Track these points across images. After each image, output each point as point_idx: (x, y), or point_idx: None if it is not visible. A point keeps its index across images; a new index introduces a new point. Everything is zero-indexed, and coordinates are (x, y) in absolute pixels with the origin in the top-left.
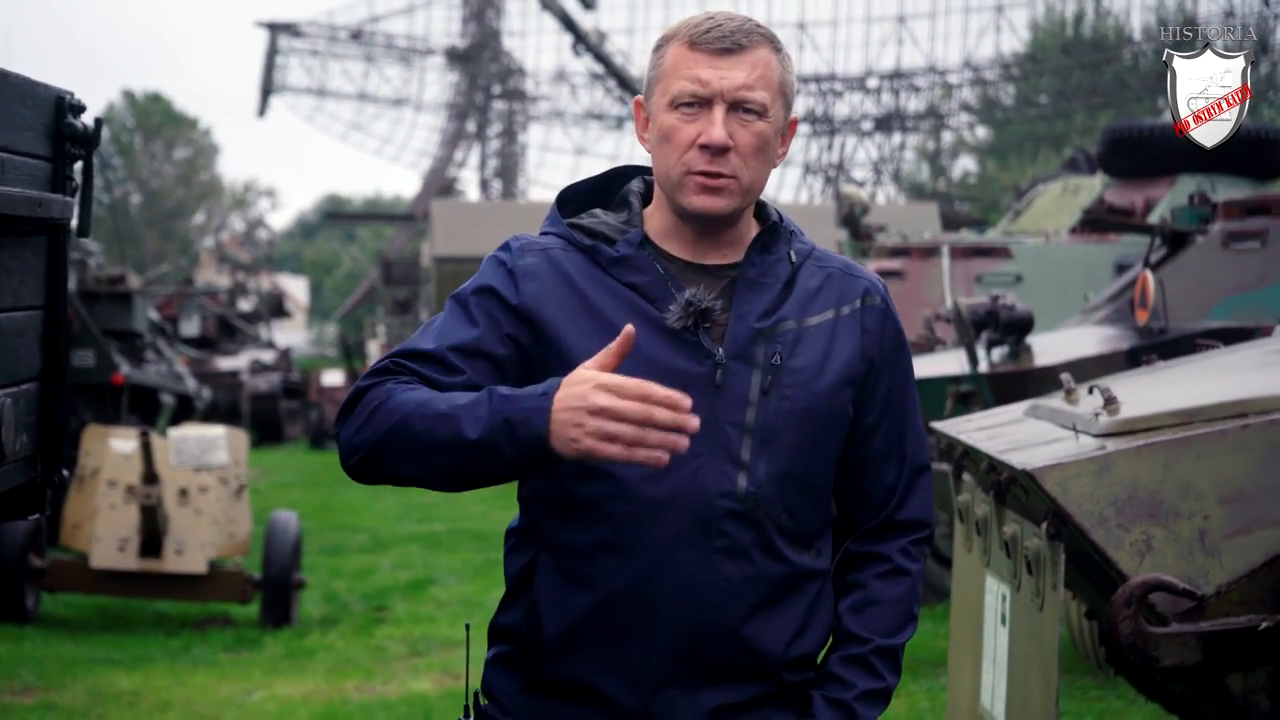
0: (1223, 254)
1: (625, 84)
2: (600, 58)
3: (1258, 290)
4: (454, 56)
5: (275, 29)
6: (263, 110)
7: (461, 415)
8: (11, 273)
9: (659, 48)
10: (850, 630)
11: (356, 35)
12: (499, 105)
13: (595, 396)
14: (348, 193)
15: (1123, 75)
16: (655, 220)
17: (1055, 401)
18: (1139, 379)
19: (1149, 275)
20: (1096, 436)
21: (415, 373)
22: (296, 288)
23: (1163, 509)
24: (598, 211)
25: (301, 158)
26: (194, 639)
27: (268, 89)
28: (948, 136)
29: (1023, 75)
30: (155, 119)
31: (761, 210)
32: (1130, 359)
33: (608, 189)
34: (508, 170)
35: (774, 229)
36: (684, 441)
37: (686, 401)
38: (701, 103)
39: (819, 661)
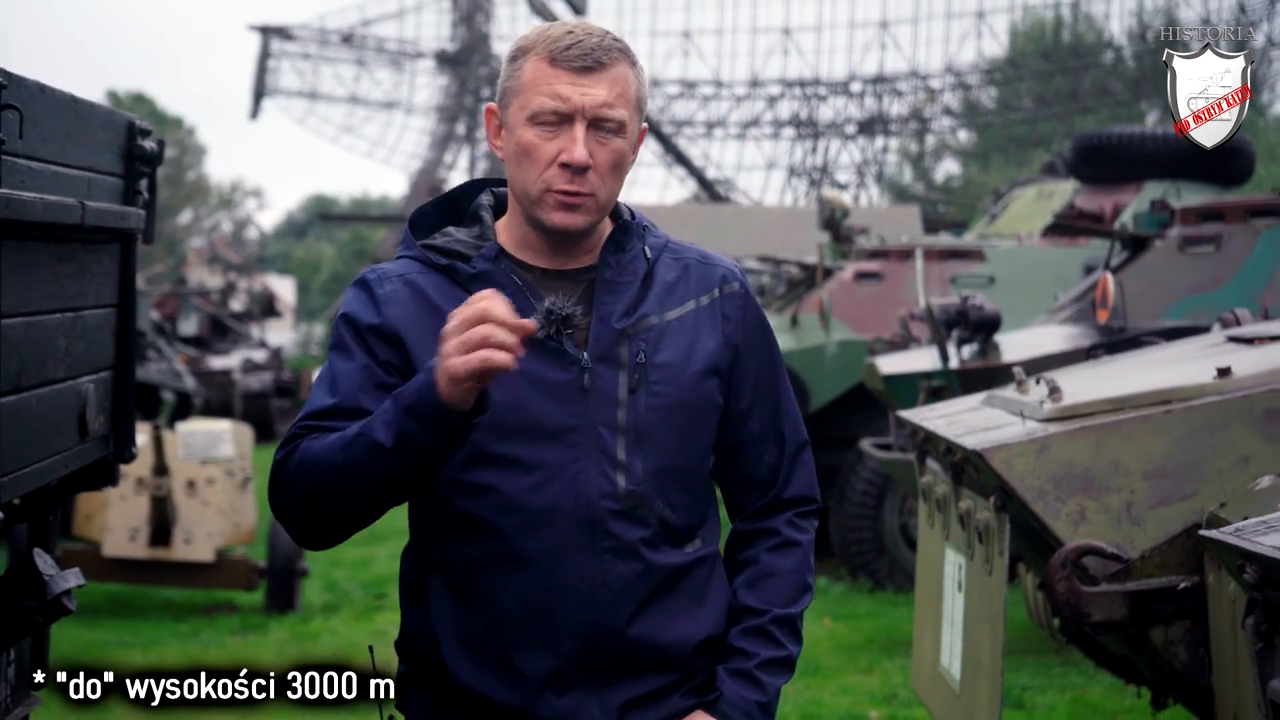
0: (1179, 257)
1: None
2: None
3: (1212, 292)
4: (444, 60)
5: (267, 32)
6: (255, 113)
7: (370, 428)
8: (94, 276)
9: (515, 58)
10: (747, 604)
11: (348, 39)
12: None
13: (448, 342)
14: (334, 192)
15: (1103, 80)
16: (509, 231)
17: (1008, 392)
18: (1084, 371)
19: (1109, 277)
20: (1040, 421)
21: (323, 429)
22: (284, 288)
23: (1095, 484)
24: (450, 230)
25: (289, 158)
26: (202, 624)
27: (260, 92)
28: (931, 140)
29: (1004, 80)
30: (141, 119)
31: (614, 210)
32: (1090, 355)
33: (458, 205)
34: (496, 172)
35: (625, 227)
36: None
37: (526, 324)
38: (562, 119)
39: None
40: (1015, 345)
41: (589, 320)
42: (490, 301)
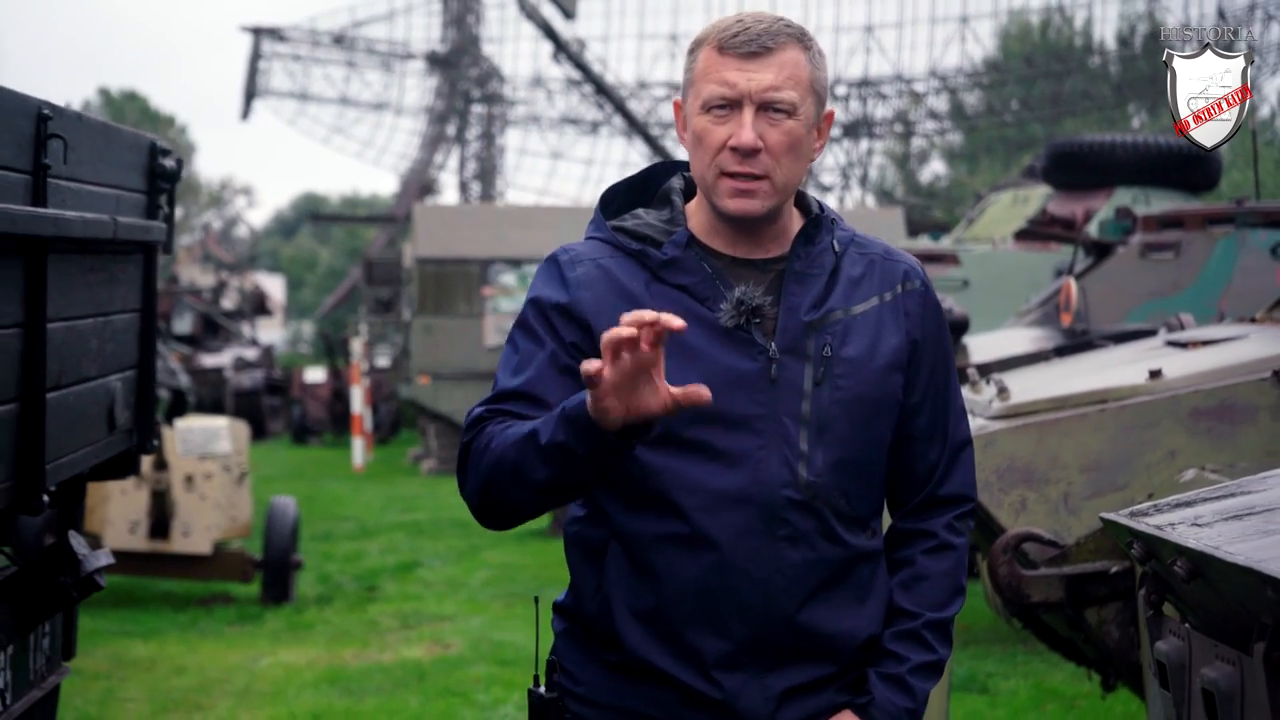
0: (1141, 263)
1: (603, 90)
2: (580, 66)
3: (1171, 296)
4: (434, 61)
5: (259, 33)
6: (246, 113)
7: (539, 427)
8: (121, 283)
9: (692, 51)
10: (901, 606)
11: (338, 40)
12: (478, 109)
13: (591, 365)
14: (324, 190)
15: (1085, 85)
16: (698, 217)
17: (964, 391)
18: (1034, 372)
19: (1072, 282)
20: (988, 419)
21: (507, 413)
22: (273, 286)
23: (1035, 476)
24: (640, 212)
25: (279, 156)
26: (200, 614)
27: (251, 93)
28: (917, 142)
29: (988, 84)
30: (132, 117)
31: (802, 200)
32: (1060, 355)
33: (649, 185)
34: (486, 173)
35: (817, 221)
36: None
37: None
38: (731, 105)
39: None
40: (983, 347)
41: (776, 311)
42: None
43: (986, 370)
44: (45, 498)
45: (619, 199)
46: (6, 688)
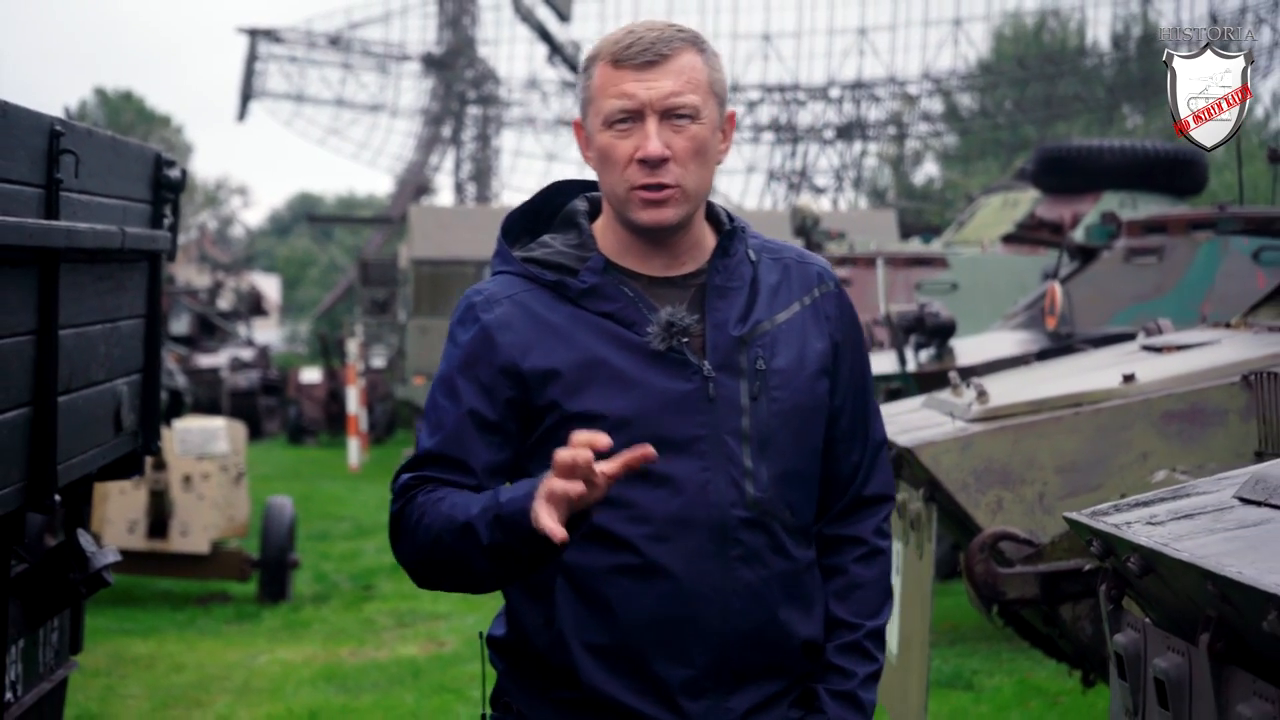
0: (1124, 268)
1: None
2: (575, 68)
3: (1154, 300)
4: (429, 63)
5: (255, 35)
6: (242, 115)
7: (476, 524)
8: (128, 290)
9: (586, 69)
10: (840, 617)
11: (334, 41)
12: (473, 111)
13: (551, 482)
14: (320, 190)
15: (1077, 88)
16: (608, 238)
17: (945, 394)
18: (1014, 375)
19: (1057, 286)
20: (967, 421)
21: (435, 480)
22: (269, 286)
23: (1011, 477)
24: (548, 239)
25: (274, 156)
26: (198, 612)
27: (247, 94)
28: (911, 144)
29: (981, 87)
30: (128, 117)
31: (712, 212)
32: (1041, 359)
33: (546, 207)
34: (481, 174)
35: (730, 234)
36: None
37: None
38: (633, 116)
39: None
40: (969, 350)
41: (703, 328)
42: (585, 449)
43: (969, 373)
44: (56, 497)
45: (520, 225)
46: (18, 680)
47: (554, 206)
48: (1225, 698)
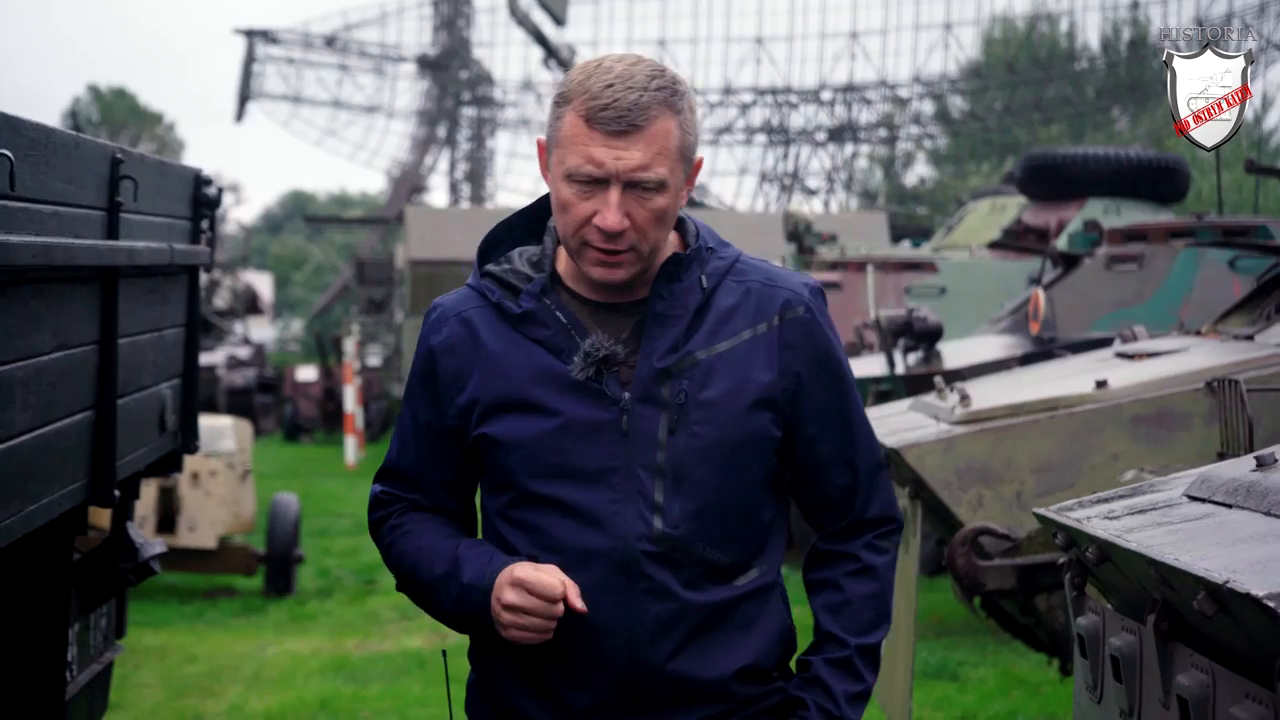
0: (1105, 274)
1: None
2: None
3: (1134, 306)
4: (425, 64)
5: (252, 36)
6: (240, 116)
7: (438, 590)
8: (170, 301)
9: (558, 104)
10: (829, 630)
11: (330, 42)
12: (468, 112)
13: (506, 593)
14: (313, 188)
15: (1066, 91)
16: (568, 260)
17: (930, 398)
18: (995, 380)
19: (1040, 292)
20: (950, 424)
21: (402, 499)
22: (262, 284)
23: (991, 476)
24: (515, 254)
25: (266, 154)
26: (206, 606)
27: (245, 95)
28: (902, 146)
29: (971, 90)
30: (121, 114)
31: (681, 227)
32: (1023, 364)
33: (541, 215)
34: (476, 175)
35: (678, 259)
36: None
37: (578, 605)
38: (597, 181)
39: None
40: (956, 353)
41: (637, 357)
42: (553, 582)
43: (954, 377)
44: (116, 492)
45: (513, 234)
46: (74, 660)
47: (549, 211)
48: (1169, 670)
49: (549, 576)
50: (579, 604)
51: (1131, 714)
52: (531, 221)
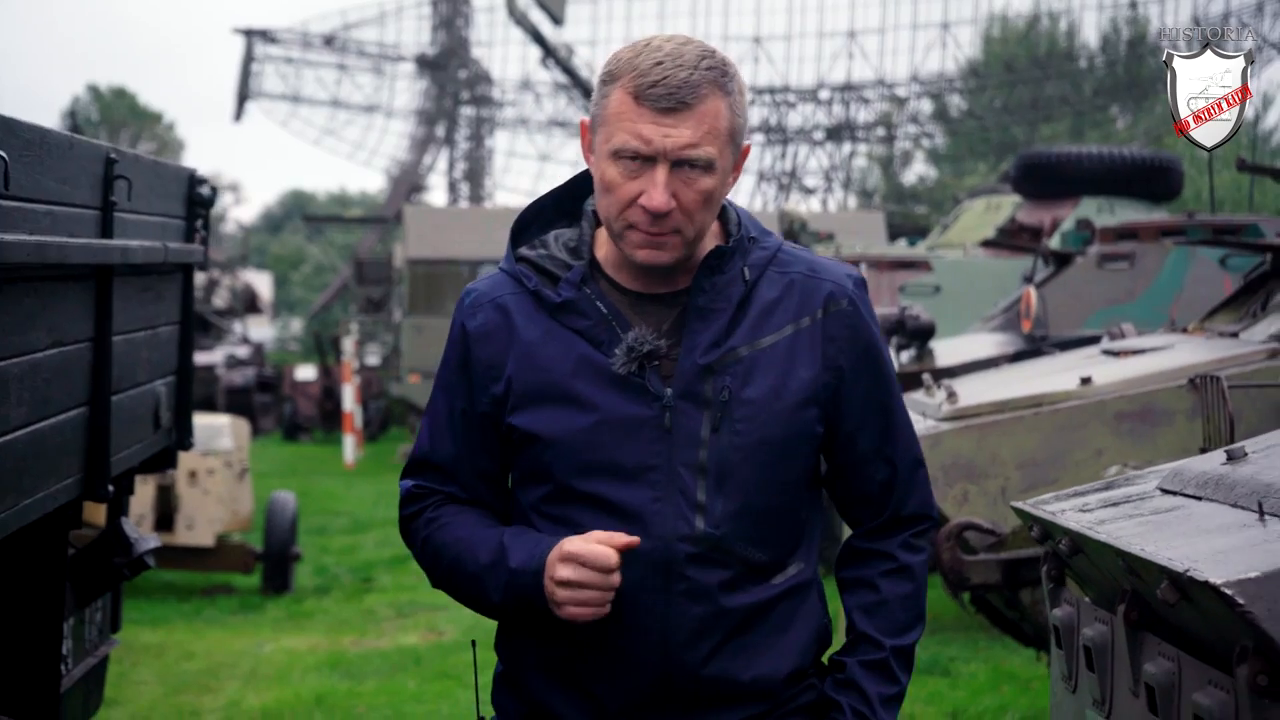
0: (1097, 273)
1: (590, 95)
2: (568, 70)
3: (1126, 304)
4: (424, 64)
5: (251, 36)
6: (239, 115)
7: (485, 580)
8: (164, 299)
9: (605, 82)
10: (864, 631)
11: (329, 42)
12: (467, 111)
13: (559, 569)
14: (312, 188)
15: (1065, 90)
16: (606, 246)
17: (918, 394)
18: (984, 377)
19: (1032, 291)
20: (938, 420)
21: (437, 492)
22: (261, 283)
23: (976, 472)
24: (550, 237)
25: (266, 154)
26: (204, 604)
27: (244, 95)
28: (900, 145)
29: (968, 89)
30: (121, 114)
31: (724, 215)
32: (1013, 362)
33: (575, 195)
34: (475, 175)
35: (720, 251)
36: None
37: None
38: (644, 159)
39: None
40: (948, 351)
41: (679, 350)
42: (609, 551)
43: (945, 374)
44: (110, 487)
45: (544, 215)
46: (69, 654)
47: (584, 193)
48: (1137, 659)
49: (601, 547)
50: (630, 540)
51: (1103, 703)
52: (563, 202)
